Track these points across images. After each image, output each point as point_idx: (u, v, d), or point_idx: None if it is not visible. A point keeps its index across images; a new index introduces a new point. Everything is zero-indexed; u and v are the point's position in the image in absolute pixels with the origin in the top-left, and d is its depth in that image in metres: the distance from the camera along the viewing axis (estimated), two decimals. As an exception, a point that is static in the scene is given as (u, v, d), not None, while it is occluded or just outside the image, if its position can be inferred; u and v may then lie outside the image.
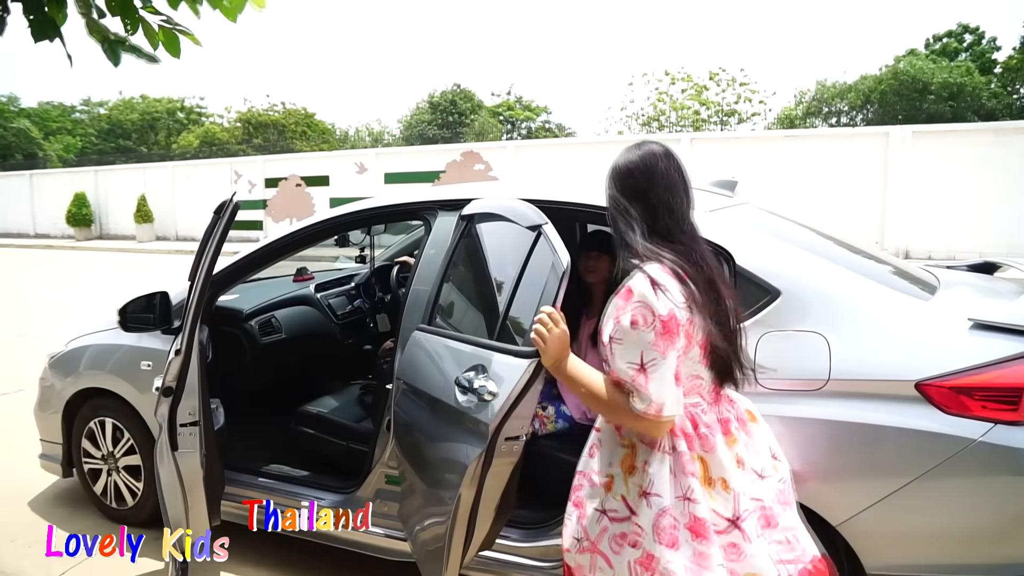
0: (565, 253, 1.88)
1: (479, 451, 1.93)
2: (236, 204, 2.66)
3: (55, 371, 3.56)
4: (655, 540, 1.61)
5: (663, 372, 1.55)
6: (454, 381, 2.07)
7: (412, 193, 3.00)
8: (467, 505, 1.99)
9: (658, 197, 1.71)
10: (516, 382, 1.87)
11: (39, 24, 2.20)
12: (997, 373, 1.87)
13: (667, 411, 1.56)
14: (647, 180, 1.73)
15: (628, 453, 1.70)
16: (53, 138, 41.60)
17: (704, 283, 1.64)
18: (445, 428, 2.13)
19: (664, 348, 1.55)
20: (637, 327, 1.56)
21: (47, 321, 8.89)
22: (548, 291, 1.88)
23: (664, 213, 1.71)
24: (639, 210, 1.72)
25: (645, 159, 1.75)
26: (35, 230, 25.60)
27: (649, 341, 1.55)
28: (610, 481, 1.71)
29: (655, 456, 1.65)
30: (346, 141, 39.31)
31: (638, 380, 1.57)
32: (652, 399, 1.56)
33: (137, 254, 19.36)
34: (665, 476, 1.63)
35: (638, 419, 1.60)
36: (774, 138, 15.81)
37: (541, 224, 2.04)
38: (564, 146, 18.96)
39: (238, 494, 3.07)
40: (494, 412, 1.90)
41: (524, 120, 40.14)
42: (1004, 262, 3.12)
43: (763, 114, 31.20)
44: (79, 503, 3.66)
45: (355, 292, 4.66)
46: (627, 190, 1.74)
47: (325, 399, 3.51)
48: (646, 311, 1.56)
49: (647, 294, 1.57)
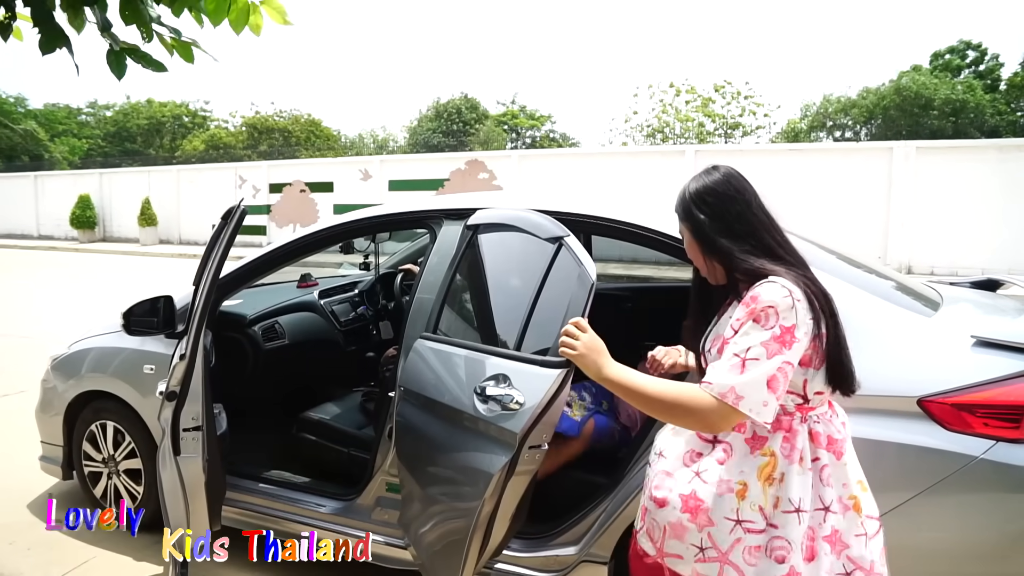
0: (592, 265, 1.93)
1: (504, 460, 1.94)
2: (244, 210, 2.67)
3: (57, 373, 3.57)
4: (800, 555, 1.55)
5: (758, 371, 1.48)
6: (473, 390, 2.08)
7: (418, 201, 3.01)
8: (487, 514, 2.00)
9: (757, 218, 1.65)
10: (545, 391, 1.89)
11: (48, 35, 2.21)
12: (999, 391, 1.87)
13: (745, 407, 1.48)
14: (743, 199, 1.67)
15: (768, 462, 1.59)
16: (59, 140, 41.75)
17: (823, 300, 1.57)
18: (460, 436, 2.14)
19: (772, 352, 1.48)
20: (760, 323, 1.51)
21: (49, 323, 8.91)
22: (575, 303, 1.91)
23: (765, 233, 1.65)
24: (743, 230, 1.65)
25: (731, 180, 1.69)
26: (39, 232, 25.65)
27: (761, 339, 1.49)
28: (743, 489, 1.60)
29: (795, 469, 1.57)
30: (351, 148, 39.44)
31: (732, 370, 1.50)
32: (730, 385, 1.49)
33: (140, 257, 19.39)
34: (808, 488, 1.57)
35: (698, 410, 1.53)
36: (778, 151, 15.83)
37: (563, 236, 2.08)
38: (568, 156, 19.00)
39: (239, 499, 3.07)
40: (522, 421, 1.92)
41: (528, 129, 40.26)
42: (1007, 279, 3.12)
43: (767, 127, 31.29)
44: (78, 506, 3.65)
45: (359, 299, 4.66)
46: (723, 213, 1.66)
47: (327, 405, 3.51)
48: (770, 312, 1.50)
49: (776, 300, 1.50)
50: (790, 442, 1.58)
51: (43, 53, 2.23)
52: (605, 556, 2.38)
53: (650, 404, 1.62)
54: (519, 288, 2.20)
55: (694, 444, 1.72)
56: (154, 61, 2.40)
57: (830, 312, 1.57)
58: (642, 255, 11.87)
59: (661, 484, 1.72)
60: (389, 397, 2.68)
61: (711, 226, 1.66)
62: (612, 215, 2.55)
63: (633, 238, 2.51)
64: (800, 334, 1.50)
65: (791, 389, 1.57)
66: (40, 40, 2.21)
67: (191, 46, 2.44)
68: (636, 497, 2.29)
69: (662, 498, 1.69)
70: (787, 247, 1.65)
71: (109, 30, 2.32)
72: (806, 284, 1.55)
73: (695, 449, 1.71)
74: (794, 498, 1.55)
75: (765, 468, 1.59)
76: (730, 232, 1.64)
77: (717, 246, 1.66)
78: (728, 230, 1.64)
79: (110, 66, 2.32)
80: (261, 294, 4.37)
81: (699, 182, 1.71)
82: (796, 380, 1.56)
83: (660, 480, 1.73)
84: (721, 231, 1.65)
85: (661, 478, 1.73)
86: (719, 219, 1.66)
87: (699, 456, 1.69)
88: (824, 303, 1.56)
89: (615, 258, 12.99)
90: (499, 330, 2.31)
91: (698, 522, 1.62)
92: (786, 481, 1.56)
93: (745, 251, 1.62)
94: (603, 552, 2.38)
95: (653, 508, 1.72)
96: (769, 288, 1.53)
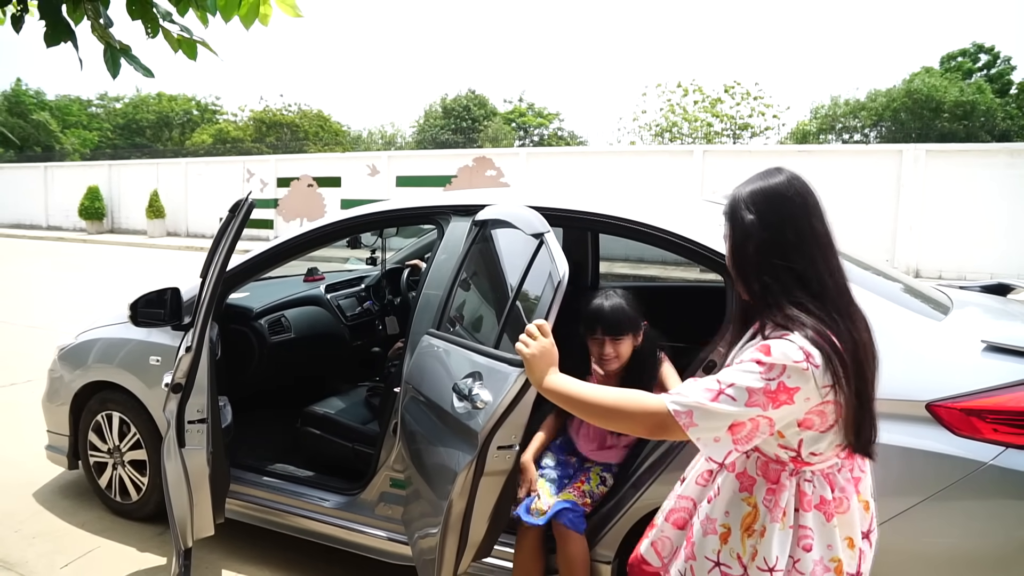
0: (563, 263, 1.86)
1: (470, 459, 1.93)
2: (252, 203, 2.67)
3: (64, 363, 3.58)
4: None
5: (729, 409, 1.37)
6: (452, 387, 2.08)
7: (426, 197, 3.01)
8: (459, 513, 1.99)
9: (813, 233, 1.45)
10: (507, 391, 1.87)
11: (54, 28, 2.23)
12: (1009, 396, 1.86)
13: (692, 432, 1.39)
14: (802, 205, 1.47)
15: (751, 513, 1.52)
16: (70, 132, 41.91)
17: (851, 357, 1.40)
18: (443, 434, 2.14)
19: (754, 402, 1.36)
20: (759, 367, 1.37)
21: (57, 313, 8.94)
22: (543, 301, 1.86)
23: (817, 253, 1.45)
24: (793, 242, 1.44)
25: (794, 183, 1.48)
26: (48, 222, 25.76)
27: (750, 384, 1.37)
28: (727, 533, 1.55)
29: (776, 527, 1.48)
30: (359, 143, 39.46)
31: (705, 387, 1.40)
32: (693, 405, 1.39)
33: (148, 249, 19.45)
34: (785, 547, 1.48)
35: (642, 413, 1.45)
36: (787, 152, 15.78)
37: (543, 232, 2.03)
38: (576, 155, 18.97)
39: (243, 492, 3.08)
40: (484, 420, 1.90)
41: (536, 127, 40.22)
42: (1017, 284, 3.10)
43: (776, 129, 31.16)
44: (84, 496, 3.67)
45: (365, 294, 4.66)
46: (774, 221, 1.46)
47: (332, 400, 3.52)
48: (775, 369, 1.36)
49: (788, 362, 1.36)
50: (774, 495, 1.50)
51: (48, 46, 2.27)
52: (609, 556, 2.38)
53: (590, 410, 1.55)
54: (508, 284, 2.19)
55: (706, 467, 1.72)
56: (143, 65, 2.44)
57: (858, 374, 1.41)
58: (648, 254, 11.84)
59: (674, 507, 1.76)
60: (394, 392, 2.68)
61: (753, 234, 1.47)
62: (620, 213, 2.54)
63: (640, 236, 2.50)
64: (799, 399, 1.36)
65: (784, 444, 1.47)
66: (45, 33, 2.24)
67: (196, 43, 2.46)
68: (639, 499, 2.29)
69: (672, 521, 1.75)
70: (836, 276, 1.46)
71: (106, 28, 2.34)
72: (832, 343, 1.38)
73: (708, 469, 1.71)
74: (770, 557, 1.48)
75: (746, 519, 1.53)
76: (775, 246, 1.44)
77: (752, 263, 1.48)
78: (774, 243, 1.45)
79: (106, 64, 2.37)
80: (268, 287, 4.37)
81: (756, 183, 1.51)
82: (791, 438, 1.46)
83: (673, 502, 1.77)
84: (765, 243, 1.46)
85: (675, 500, 1.77)
86: (768, 228, 1.46)
87: (705, 479, 1.71)
88: (851, 365, 1.40)
89: (621, 257, 12.97)
90: (488, 327, 2.30)
91: (686, 552, 1.63)
92: (766, 536, 1.49)
93: (782, 281, 1.43)
94: (607, 552, 2.38)
95: (663, 525, 1.77)
96: (785, 347, 1.37)
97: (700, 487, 1.71)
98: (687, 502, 1.74)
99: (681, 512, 1.73)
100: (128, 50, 2.39)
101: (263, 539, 3.14)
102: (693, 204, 3.13)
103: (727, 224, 1.55)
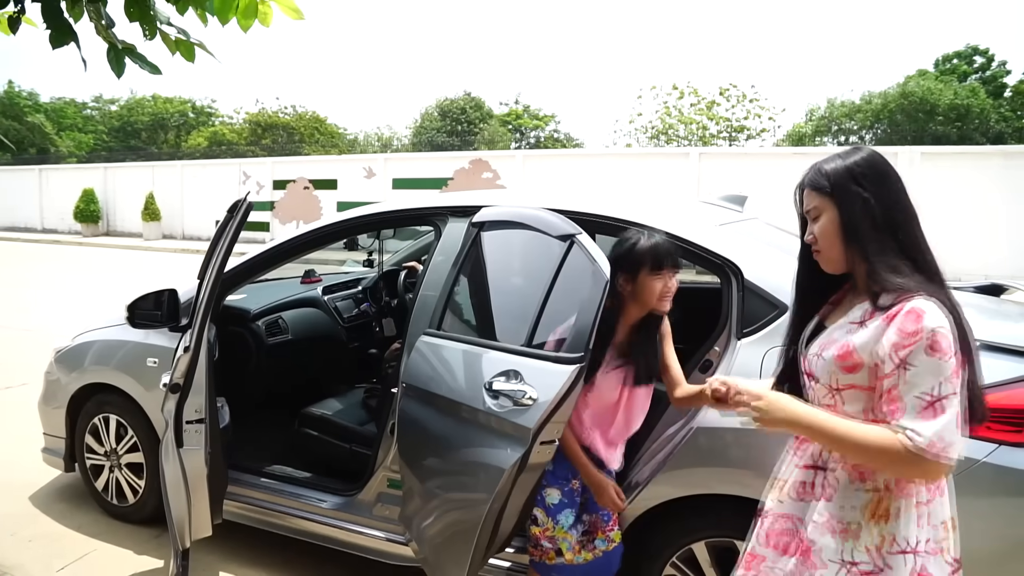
0: (606, 262, 1.96)
1: (517, 455, 1.95)
2: (249, 204, 2.68)
3: (61, 366, 3.57)
4: None
5: (954, 409, 1.31)
6: (482, 386, 2.09)
7: (423, 198, 3.02)
8: (497, 508, 2.02)
9: (911, 207, 1.48)
10: (559, 387, 1.92)
11: (58, 30, 2.23)
12: (1003, 394, 1.87)
13: (954, 453, 1.31)
14: (904, 190, 1.49)
15: (875, 499, 1.44)
16: (65, 134, 41.82)
17: (965, 332, 1.39)
18: (467, 432, 2.15)
19: (956, 385, 1.32)
20: (937, 353, 1.31)
21: (53, 316, 8.92)
22: (590, 300, 1.93)
23: (916, 228, 1.47)
24: (899, 218, 1.46)
25: (882, 158, 1.52)
26: (43, 225, 25.67)
27: (947, 373, 1.31)
28: (855, 529, 1.45)
29: (907, 503, 1.42)
30: (355, 146, 39.45)
31: (927, 414, 1.32)
32: (941, 436, 1.30)
33: (143, 252, 19.41)
34: (923, 527, 1.43)
35: (911, 462, 1.32)
36: (783, 155, 15.81)
37: (575, 234, 2.09)
38: (572, 157, 19.00)
39: (241, 493, 3.08)
40: (536, 416, 1.94)
41: (532, 129, 40.26)
42: (1011, 284, 3.12)
43: (772, 131, 31.26)
44: (80, 499, 3.67)
45: (362, 296, 4.67)
46: (883, 195, 1.47)
47: (329, 401, 3.52)
48: (940, 338, 1.32)
49: (944, 323, 1.33)
50: None
51: (53, 47, 2.26)
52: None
53: (851, 448, 1.41)
54: (527, 285, 2.21)
55: (798, 472, 1.59)
56: (149, 63, 2.43)
57: (970, 348, 1.39)
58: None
59: (770, 530, 1.61)
60: (391, 393, 2.69)
61: (869, 208, 1.46)
62: (617, 214, 2.55)
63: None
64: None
65: None
66: (50, 35, 2.24)
67: (193, 46, 2.46)
68: (638, 495, 2.29)
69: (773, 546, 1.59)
70: (932, 253, 1.47)
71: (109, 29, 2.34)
72: (954, 310, 1.38)
73: (798, 479, 1.59)
74: (911, 537, 1.41)
75: (871, 507, 1.45)
76: (886, 220, 1.45)
77: (865, 236, 1.46)
78: (885, 217, 1.45)
79: (110, 64, 2.36)
80: (265, 289, 4.38)
81: (852, 157, 1.51)
82: None
83: (767, 526, 1.62)
84: (876, 218, 1.45)
85: (770, 523, 1.62)
86: (881, 204, 1.46)
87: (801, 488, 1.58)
88: (965, 335, 1.38)
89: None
90: (507, 326, 2.31)
91: (808, 566, 1.50)
92: (902, 519, 1.42)
93: (892, 252, 1.43)
94: (604, 551, 2.38)
95: (766, 551, 1.60)
96: (931, 309, 1.34)
97: (801, 501, 1.57)
98: (788, 522, 1.59)
99: (783, 536, 1.58)
100: (133, 49, 2.39)
101: (261, 540, 3.13)
102: (690, 205, 3.14)
103: (827, 197, 1.51)
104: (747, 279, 2.25)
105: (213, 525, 2.80)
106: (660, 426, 2.37)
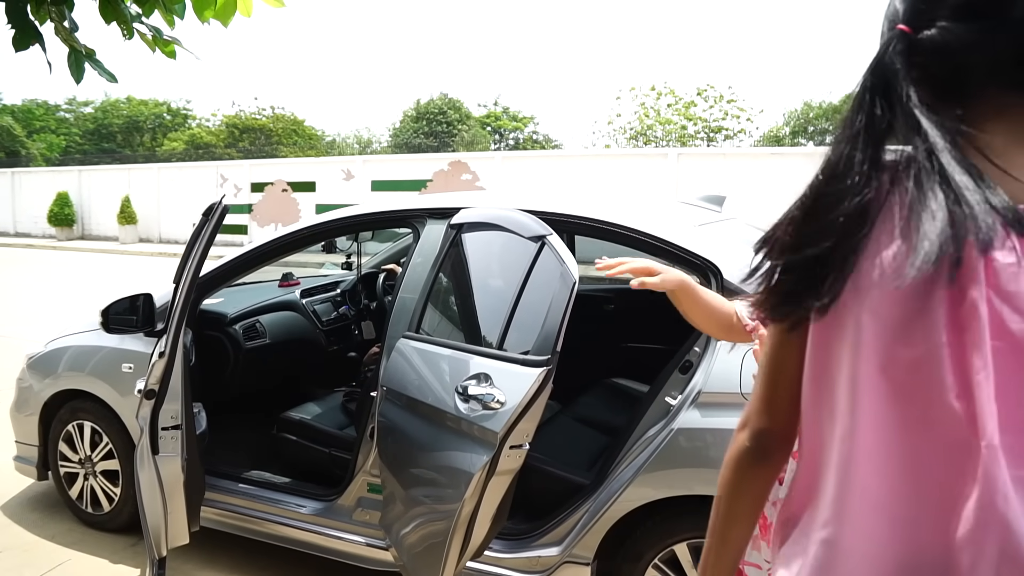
0: (574, 264, 1.94)
1: (485, 459, 1.94)
2: (225, 207, 2.64)
3: (33, 372, 3.51)
4: None
5: None
6: (455, 389, 2.08)
7: (401, 200, 3.01)
8: (468, 513, 2.00)
9: None
10: (526, 391, 1.90)
11: (21, 33, 2.20)
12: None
13: None
14: None
15: None
16: (37, 136, 41.16)
17: None
18: (441, 436, 2.13)
19: None
20: None
21: (26, 321, 8.77)
22: (558, 302, 1.91)
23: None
24: None
25: None
26: (15, 229, 25.26)
27: None
28: None
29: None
30: (334, 148, 39.24)
31: None
32: None
33: (119, 255, 19.15)
34: None
35: None
36: (760, 155, 15.93)
37: (545, 235, 2.07)
38: (551, 158, 19.03)
39: (219, 500, 3.04)
40: (503, 420, 1.92)
41: (511, 130, 40.27)
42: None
43: (749, 132, 31.48)
44: (54, 507, 3.60)
45: (341, 299, 4.64)
46: None
47: (308, 405, 3.49)
48: None
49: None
50: None
51: (16, 50, 2.23)
52: (588, 557, 2.38)
53: None
54: (502, 287, 2.20)
55: None
56: (107, 70, 2.41)
57: None
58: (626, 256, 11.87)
59: None
60: (371, 397, 2.67)
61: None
62: (596, 215, 2.56)
63: (616, 238, 2.51)
64: None
65: None
66: (13, 37, 2.20)
67: (172, 43, 2.43)
68: (619, 497, 2.29)
69: None
70: None
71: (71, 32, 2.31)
72: None
73: None
74: None
75: None
76: None
77: None
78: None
79: (70, 68, 2.34)
80: (242, 293, 4.33)
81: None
82: None
83: None
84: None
85: None
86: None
87: None
88: None
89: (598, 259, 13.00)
90: (482, 329, 2.31)
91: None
92: None
93: None
94: (586, 553, 2.38)
95: None
96: None
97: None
98: None
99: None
100: (92, 54, 2.36)
101: (239, 547, 3.10)
102: (668, 206, 3.15)
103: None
104: (726, 279, 2.26)
105: (190, 532, 2.76)
106: (640, 428, 2.37)
